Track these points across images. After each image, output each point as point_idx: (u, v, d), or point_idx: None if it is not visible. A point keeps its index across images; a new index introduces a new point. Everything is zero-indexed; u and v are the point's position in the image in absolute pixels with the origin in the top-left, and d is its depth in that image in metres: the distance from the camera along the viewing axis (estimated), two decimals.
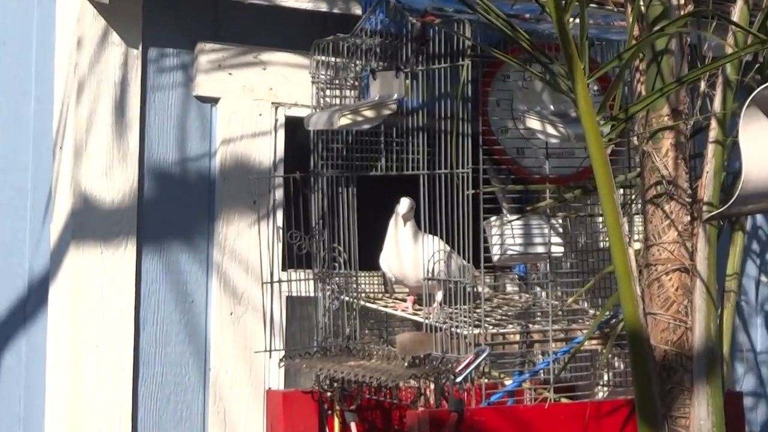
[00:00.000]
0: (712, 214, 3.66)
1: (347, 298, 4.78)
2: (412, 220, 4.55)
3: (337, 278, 4.79)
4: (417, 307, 4.62)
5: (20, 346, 5.00)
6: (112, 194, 4.79)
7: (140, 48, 4.86)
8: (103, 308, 4.76)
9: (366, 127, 4.63)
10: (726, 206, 2.11)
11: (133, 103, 4.84)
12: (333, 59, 4.83)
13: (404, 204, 4.50)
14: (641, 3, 4.06)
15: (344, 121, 4.55)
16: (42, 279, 4.91)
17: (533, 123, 4.52)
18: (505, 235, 4.62)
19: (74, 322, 4.71)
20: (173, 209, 4.95)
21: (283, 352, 4.88)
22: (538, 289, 4.90)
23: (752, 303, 6.18)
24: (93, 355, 4.73)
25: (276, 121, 5.10)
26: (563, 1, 3.61)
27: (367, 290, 4.93)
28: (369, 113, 4.58)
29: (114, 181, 4.79)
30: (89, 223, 4.74)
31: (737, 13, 4.15)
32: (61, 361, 4.75)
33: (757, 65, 4.36)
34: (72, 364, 4.71)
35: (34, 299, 4.96)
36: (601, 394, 4.63)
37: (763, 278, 6.12)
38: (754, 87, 3.33)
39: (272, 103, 5.10)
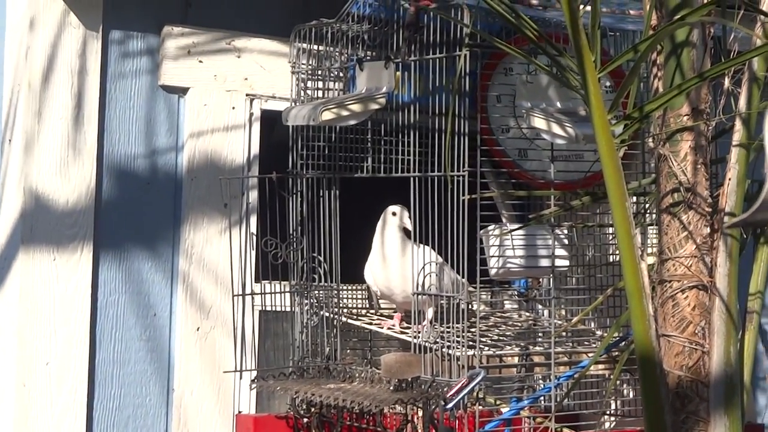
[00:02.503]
0: (734, 221, 3.67)
1: (327, 314, 4.78)
2: (402, 229, 4.58)
3: (316, 291, 4.81)
4: (405, 324, 4.65)
5: None
6: (67, 194, 4.80)
7: (101, 31, 4.88)
8: (56, 321, 4.77)
9: (351, 123, 4.64)
10: (749, 212, 2.12)
11: (91, 93, 4.85)
12: (315, 47, 4.85)
13: (406, 216, 4.54)
14: None
15: (327, 115, 4.55)
16: None
17: (538, 122, 4.53)
18: (505, 246, 4.63)
19: (23, 336, 4.73)
20: (135, 212, 4.97)
21: (255, 373, 4.88)
22: (540, 306, 4.92)
23: None
24: (43, 373, 4.74)
25: (251, 114, 5.14)
26: None
27: (350, 305, 4.95)
28: (355, 108, 4.58)
29: (69, 179, 4.80)
30: (41, 225, 4.75)
31: (767, 1, 4.18)
32: (7, 380, 4.76)
33: None
34: (19, 383, 4.72)
35: None
36: (608, 425, 4.67)
37: None
38: None
39: (247, 94, 5.13)
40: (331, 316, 4.78)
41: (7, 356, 4.77)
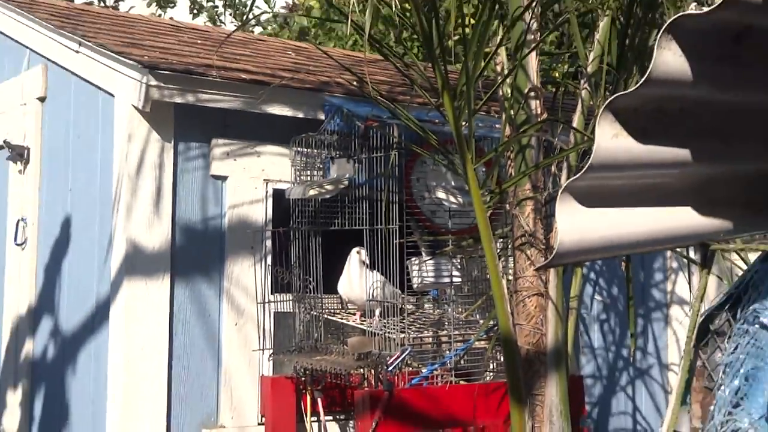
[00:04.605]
0: (540, 266, 3.74)
1: (315, 313, 4.78)
2: (361, 261, 4.60)
3: (308, 299, 4.80)
4: (363, 319, 4.66)
5: (90, 349, 5.00)
6: (153, 243, 4.77)
7: (172, 142, 4.86)
8: (147, 322, 4.74)
9: (327, 196, 4.67)
10: (548, 261, 2.19)
11: (167, 180, 4.83)
12: (306, 149, 4.87)
13: (363, 253, 4.54)
14: (511, 112, 4.16)
15: (312, 192, 4.63)
16: (105, 301, 4.89)
17: (440, 194, 4.62)
18: (422, 269, 4.68)
19: (127, 331, 4.71)
20: (196, 253, 4.93)
21: (271, 350, 4.89)
22: (446, 306, 4.93)
23: (591, 314, 6.21)
24: (140, 354, 4.73)
25: (267, 192, 5.08)
26: (458, 112, 3.70)
27: (329, 307, 4.93)
28: (329, 187, 4.63)
29: (154, 234, 4.78)
30: (137, 264, 4.73)
31: (576, 119, 4.28)
32: (118, 358, 4.75)
33: (589, 156, 4.45)
34: (126, 360, 4.70)
35: (99, 315, 4.95)
36: (488, 378, 4.64)
37: (597, 297, 6.19)
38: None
39: (264, 179, 5.08)
40: (318, 314, 4.77)
41: (119, 344, 4.74)
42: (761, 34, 1.98)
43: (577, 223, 2.15)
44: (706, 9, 1.84)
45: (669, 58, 1.93)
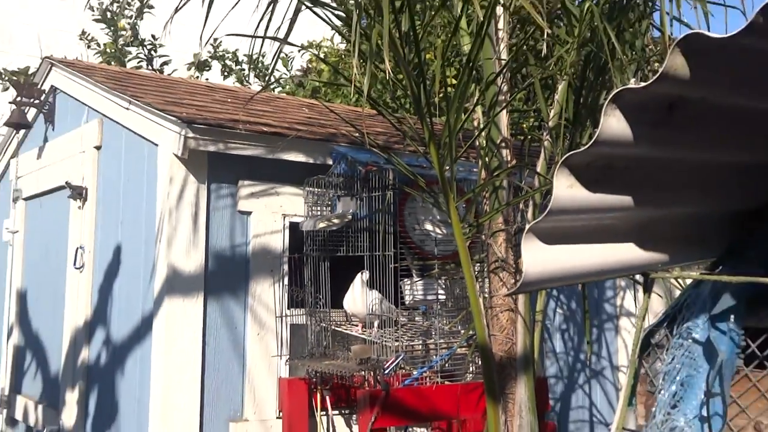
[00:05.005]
0: (509, 292, 3.74)
1: (324, 325, 4.78)
2: (363, 281, 4.61)
3: (318, 313, 4.79)
4: (364, 329, 4.65)
5: (136, 355, 4.99)
6: (189, 268, 4.78)
7: (206, 183, 4.88)
8: (184, 333, 4.74)
9: (334, 228, 4.67)
10: (516, 288, 2.20)
11: (201, 215, 4.84)
12: (316, 189, 4.89)
13: (366, 274, 4.55)
14: (486, 159, 4.17)
15: (321, 225, 4.63)
16: (149, 316, 4.89)
17: (428, 226, 4.63)
18: (413, 288, 4.69)
19: (167, 341, 4.71)
20: (225, 276, 4.93)
21: (287, 356, 4.89)
22: (433, 318, 4.94)
23: (554, 325, 6.21)
24: (179, 359, 4.72)
25: (284, 225, 5.09)
26: (442, 159, 3.71)
27: (336, 320, 4.92)
28: (336, 220, 4.64)
29: (190, 260, 4.79)
30: (176, 285, 4.74)
31: (540, 165, 4.28)
32: (160, 362, 4.74)
33: (550, 198, 4.45)
34: (166, 365, 4.70)
35: (144, 328, 4.95)
36: (468, 378, 4.63)
37: (559, 311, 6.17)
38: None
39: (282, 214, 5.09)
40: (326, 326, 4.77)
41: (160, 351, 4.73)
42: (690, 103, 2.00)
43: (540, 258, 2.16)
44: (643, 84, 1.87)
45: (613, 124, 1.95)
